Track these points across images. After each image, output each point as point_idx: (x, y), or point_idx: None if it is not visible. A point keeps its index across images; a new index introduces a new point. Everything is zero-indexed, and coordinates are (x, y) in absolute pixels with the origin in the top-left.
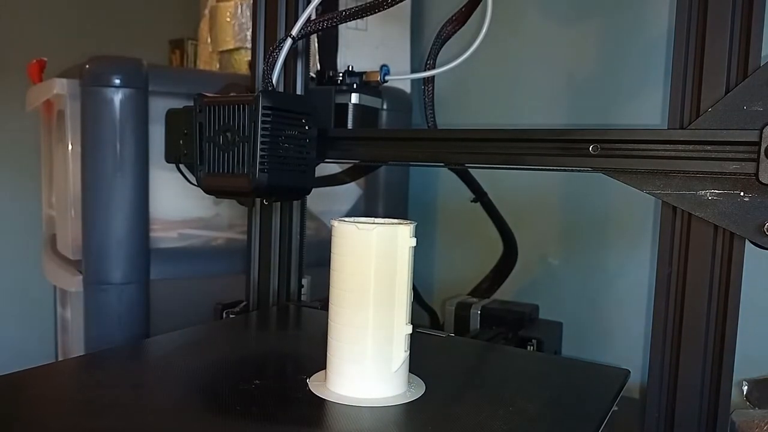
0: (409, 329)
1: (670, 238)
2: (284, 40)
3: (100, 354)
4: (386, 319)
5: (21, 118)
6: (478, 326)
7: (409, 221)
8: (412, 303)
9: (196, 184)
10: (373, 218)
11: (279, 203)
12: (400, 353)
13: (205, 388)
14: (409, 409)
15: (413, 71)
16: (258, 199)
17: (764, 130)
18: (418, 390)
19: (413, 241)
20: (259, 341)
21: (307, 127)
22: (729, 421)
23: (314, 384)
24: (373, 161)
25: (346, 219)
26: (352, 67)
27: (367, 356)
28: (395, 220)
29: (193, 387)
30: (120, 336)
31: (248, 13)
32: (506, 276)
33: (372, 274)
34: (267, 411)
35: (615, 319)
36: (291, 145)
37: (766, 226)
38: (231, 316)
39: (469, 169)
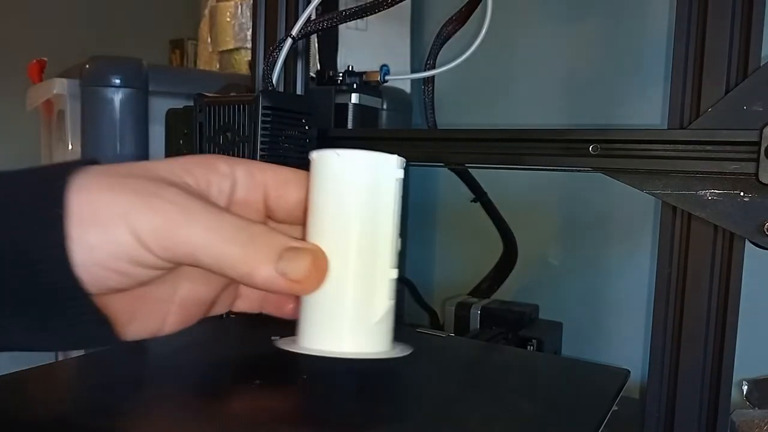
0: (394, 274)
1: (670, 238)
2: (284, 40)
3: (100, 354)
4: (369, 261)
5: (21, 118)
6: (478, 326)
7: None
8: (411, 300)
9: None
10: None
11: None
12: (384, 301)
13: (205, 389)
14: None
15: (413, 71)
16: None
17: (764, 130)
18: (405, 350)
19: (400, 173)
20: (262, 341)
21: (307, 127)
22: (729, 421)
23: (284, 341)
24: None
25: (327, 149)
26: (352, 67)
27: (347, 303)
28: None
29: (193, 387)
30: None
31: (248, 13)
32: (506, 276)
33: (353, 210)
34: (268, 410)
35: (615, 318)
36: (291, 145)
37: (766, 226)
38: (232, 315)
39: (469, 169)
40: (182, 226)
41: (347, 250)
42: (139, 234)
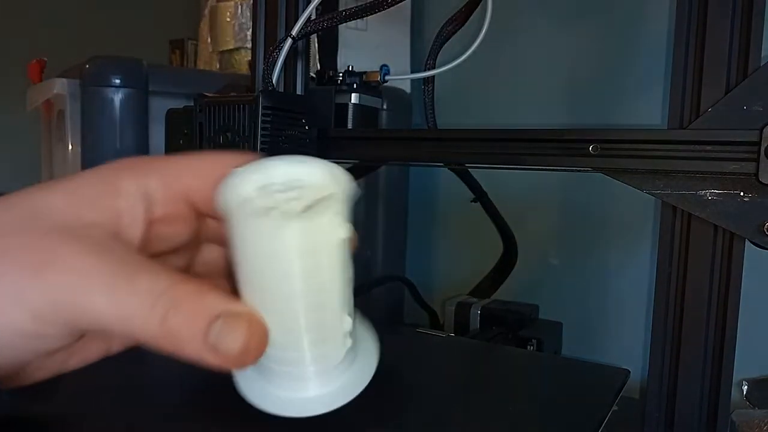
0: (349, 323)
1: (670, 238)
2: (284, 40)
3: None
4: (329, 315)
5: (21, 118)
6: (478, 326)
7: (339, 188)
8: (411, 300)
9: None
10: (268, 162)
11: None
12: (339, 350)
13: (205, 389)
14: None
15: (413, 71)
16: None
17: (764, 130)
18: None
19: (343, 231)
20: None
21: (307, 127)
22: (729, 421)
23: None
24: (373, 161)
25: (238, 177)
26: (352, 67)
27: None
28: (316, 190)
29: (193, 388)
30: None
31: (248, 13)
32: (506, 276)
33: (297, 282)
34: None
35: (615, 319)
36: (291, 145)
37: (766, 226)
38: None
39: (469, 169)
40: (85, 299)
41: (296, 319)
42: (36, 312)
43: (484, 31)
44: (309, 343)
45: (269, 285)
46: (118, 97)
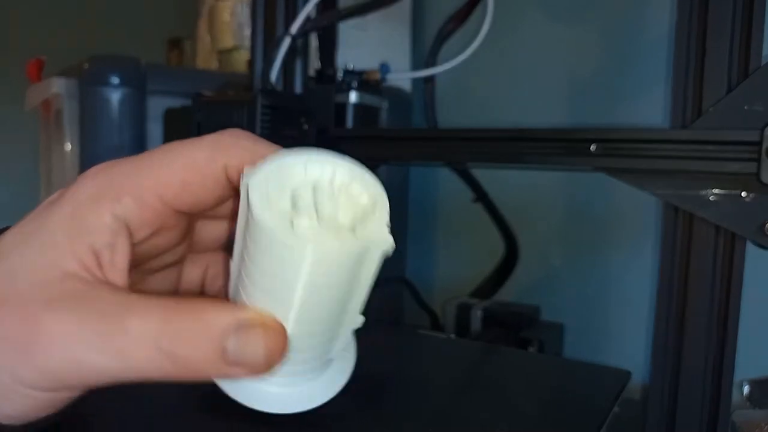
0: (337, 345)
1: (672, 239)
2: (283, 38)
3: None
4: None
5: (21, 118)
6: (480, 327)
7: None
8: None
9: None
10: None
11: None
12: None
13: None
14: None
15: (413, 70)
16: None
17: (765, 130)
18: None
19: (386, 248)
20: None
21: (306, 127)
22: (730, 421)
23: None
24: (373, 161)
25: (269, 172)
26: (352, 66)
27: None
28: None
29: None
30: None
31: (248, 12)
32: (507, 277)
33: (299, 297)
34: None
35: (616, 319)
36: (290, 144)
37: (767, 226)
38: None
39: (470, 169)
40: (84, 362)
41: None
42: (34, 384)
43: (484, 29)
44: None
45: (273, 287)
46: (116, 97)
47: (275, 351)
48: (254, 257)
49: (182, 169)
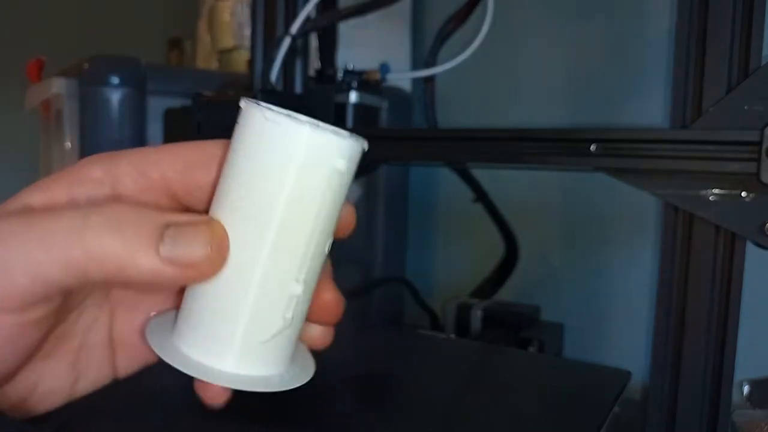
0: (298, 289)
1: (672, 239)
2: (283, 38)
3: None
4: (280, 264)
5: (20, 118)
6: (479, 327)
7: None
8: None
9: None
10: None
11: None
12: (277, 319)
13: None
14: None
15: (414, 70)
16: None
17: (765, 130)
18: (302, 375)
19: (342, 164)
20: None
21: None
22: (730, 421)
23: (156, 330)
24: (374, 161)
25: (261, 103)
26: (352, 66)
27: (244, 308)
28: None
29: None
30: None
31: (247, 12)
32: (507, 277)
33: (283, 198)
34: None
35: (616, 320)
36: None
37: (767, 226)
38: None
39: (470, 169)
40: (89, 245)
41: (260, 239)
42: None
43: (484, 29)
44: (256, 294)
45: (250, 199)
46: (116, 97)
47: (214, 251)
48: (236, 172)
49: (187, 148)
